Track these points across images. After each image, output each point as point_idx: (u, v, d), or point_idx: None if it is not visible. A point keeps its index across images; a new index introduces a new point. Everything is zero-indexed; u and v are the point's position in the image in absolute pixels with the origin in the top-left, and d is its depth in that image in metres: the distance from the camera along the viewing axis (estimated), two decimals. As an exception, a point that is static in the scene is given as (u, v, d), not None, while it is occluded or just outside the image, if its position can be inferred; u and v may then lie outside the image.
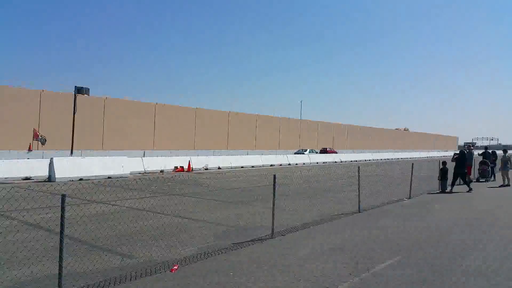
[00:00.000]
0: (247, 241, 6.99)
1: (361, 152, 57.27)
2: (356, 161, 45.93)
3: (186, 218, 8.99)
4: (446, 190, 15.45)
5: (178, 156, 27.25)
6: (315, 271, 5.42)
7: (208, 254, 6.15)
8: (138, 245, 6.69)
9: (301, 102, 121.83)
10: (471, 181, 17.87)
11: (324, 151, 49.87)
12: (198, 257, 6.03)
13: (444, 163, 16.03)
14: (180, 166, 24.36)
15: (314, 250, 6.54)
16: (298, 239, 7.31)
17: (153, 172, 22.40)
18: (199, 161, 26.35)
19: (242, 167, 29.32)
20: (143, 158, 23.59)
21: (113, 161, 19.74)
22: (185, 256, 6.07)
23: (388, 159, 53.73)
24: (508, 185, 17.85)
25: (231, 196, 12.91)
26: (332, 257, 6.11)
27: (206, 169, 26.29)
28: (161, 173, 22.82)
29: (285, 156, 35.85)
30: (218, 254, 6.20)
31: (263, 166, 31.14)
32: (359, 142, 67.61)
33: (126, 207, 10.45)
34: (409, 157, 60.96)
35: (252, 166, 30.24)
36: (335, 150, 52.39)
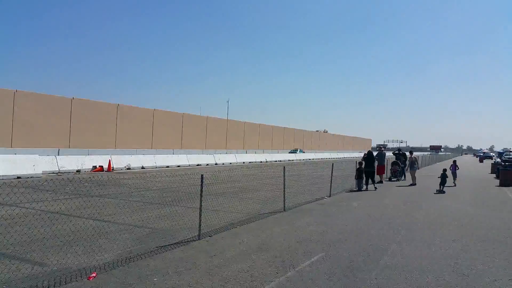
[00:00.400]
0: (172, 244, 6.75)
1: (286, 152, 59.08)
2: (280, 161, 47.23)
3: (106, 221, 8.45)
4: (362, 189, 16.49)
5: (98, 155, 25.64)
6: (242, 272, 5.39)
7: (130, 259, 5.81)
8: (51, 251, 6.10)
9: (228, 102, 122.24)
10: (381, 181, 19.31)
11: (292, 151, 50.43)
12: (118, 263, 5.66)
13: (360, 163, 17.10)
14: (100, 166, 22.97)
15: (241, 250, 6.53)
16: (225, 239, 7.24)
17: (68, 172, 20.82)
18: (120, 161, 25.08)
19: (167, 166, 28.52)
20: (57, 156, 21.77)
21: (23, 159, 17.97)
22: (104, 262, 5.67)
23: (310, 159, 56.08)
24: (415, 184, 19.55)
25: (155, 197, 12.44)
26: (259, 257, 6.14)
27: (129, 168, 25.12)
28: (77, 173, 21.30)
29: (211, 155, 35.62)
30: (141, 258, 5.88)
31: (189, 166, 30.60)
32: (283, 143, 69.62)
33: (38, 209, 9.52)
34: (328, 157, 64.25)
35: (178, 166, 29.56)
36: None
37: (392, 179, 22.14)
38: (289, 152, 59.34)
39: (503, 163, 26.13)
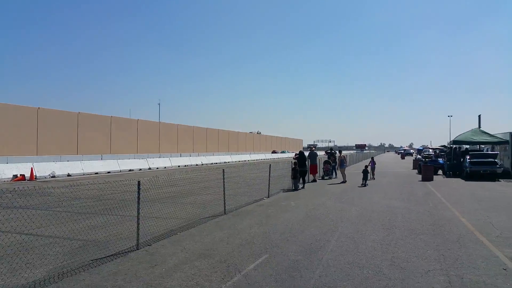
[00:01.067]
0: (108, 256, 6.32)
1: (220, 154, 58.91)
2: (216, 163, 46.98)
3: (32, 235, 7.71)
4: (299, 188, 16.91)
5: (18, 162, 23.50)
6: (187, 281, 5.19)
7: (63, 275, 5.33)
8: (-34, 274, 5.40)
9: (159, 104, 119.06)
10: (314, 180, 19.99)
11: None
12: (51, 279, 5.16)
13: (295, 163, 17.51)
14: (21, 174, 21.10)
15: (184, 257, 6.30)
16: (166, 248, 6.95)
17: (-17, 183, 18.80)
18: (44, 168, 23.23)
19: (96, 173, 26.97)
20: (-32, 166, 19.59)
21: None
22: (34, 279, 5.14)
23: (246, 160, 56.51)
24: (345, 181, 20.48)
25: (85, 206, 11.65)
26: (203, 263, 5.97)
27: (53, 176, 23.34)
28: (-6, 183, 19.32)
29: (144, 160, 34.38)
30: (75, 273, 5.42)
31: (121, 171, 29.22)
32: (218, 145, 69.39)
33: None
34: (263, 158, 65.28)
35: (108, 172, 28.09)
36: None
37: (325, 178, 23.01)
38: (281, 153, 60.59)
39: (423, 159, 28.37)
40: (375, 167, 23.89)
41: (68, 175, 24.53)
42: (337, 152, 25.62)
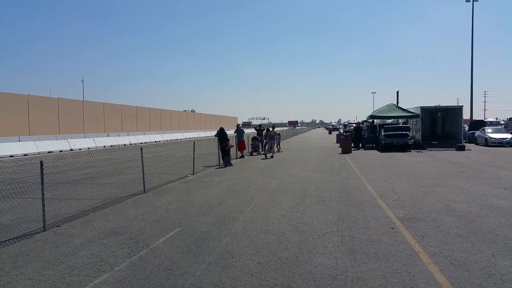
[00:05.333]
0: (12, 239, 6.10)
1: (151, 134, 57.38)
2: (146, 142, 45.78)
3: None
4: (226, 165, 17.19)
5: None
6: (91, 258, 5.21)
7: (-45, 262, 5.08)
8: None
9: (83, 81, 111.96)
10: (242, 156, 20.40)
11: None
12: None
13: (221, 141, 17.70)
14: None
15: (92, 236, 6.27)
16: (75, 228, 6.83)
17: None
18: None
19: (11, 156, 25.06)
20: None
21: None
22: None
23: (177, 139, 55.70)
24: (272, 156, 21.17)
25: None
26: (112, 241, 6.00)
27: (-41, 161, 21.28)
28: None
29: (65, 141, 32.53)
30: (-30, 259, 5.19)
31: (39, 153, 27.44)
32: (149, 124, 67.40)
33: None
34: (197, 136, 64.77)
35: (25, 155, 26.24)
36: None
37: (253, 153, 23.55)
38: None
39: (344, 134, 30.11)
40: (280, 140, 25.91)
41: (-22, 159, 22.56)
42: (271, 128, 26.20)
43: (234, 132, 20.50)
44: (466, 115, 37.69)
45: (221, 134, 17.78)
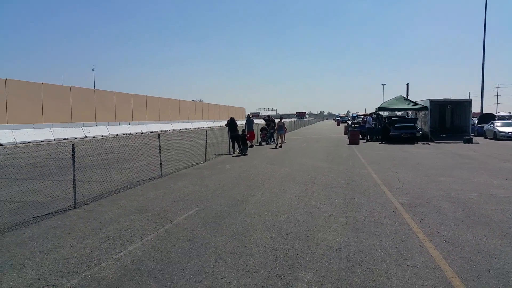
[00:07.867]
0: (47, 214, 6.75)
1: (161, 123, 58.21)
2: (156, 131, 46.60)
3: (-35, 201, 7.82)
4: (235, 153, 17.78)
5: None
6: (121, 230, 5.83)
7: (4, 230, 5.73)
8: None
9: (94, 70, 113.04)
10: (252, 146, 20.97)
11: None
12: (-10, 236, 5.56)
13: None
14: None
15: (119, 213, 6.90)
16: (103, 206, 7.47)
17: None
18: (-32, 138, 21.97)
19: (29, 142, 25.95)
20: None
21: None
22: (-28, 237, 5.50)
23: (187, 128, 56.47)
24: (280, 146, 21.71)
25: (20, 173, 11.61)
26: (138, 217, 6.62)
27: (-20, 146, 22.18)
28: None
29: (80, 128, 33.37)
30: (16, 229, 5.85)
31: (55, 140, 28.31)
32: (159, 113, 68.20)
33: None
34: (205, 126, 65.49)
35: (42, 141, 27.12)
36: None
37: (262, 143, 24.11)
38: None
39: (352, 126, 30.50)
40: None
41: (-2, 144, 23.44)
42: (279, 119, 26.68)
43: (245, 123, 21.05)
44: (476, 109, 37.78)
45: (232, 123, 18.37)
